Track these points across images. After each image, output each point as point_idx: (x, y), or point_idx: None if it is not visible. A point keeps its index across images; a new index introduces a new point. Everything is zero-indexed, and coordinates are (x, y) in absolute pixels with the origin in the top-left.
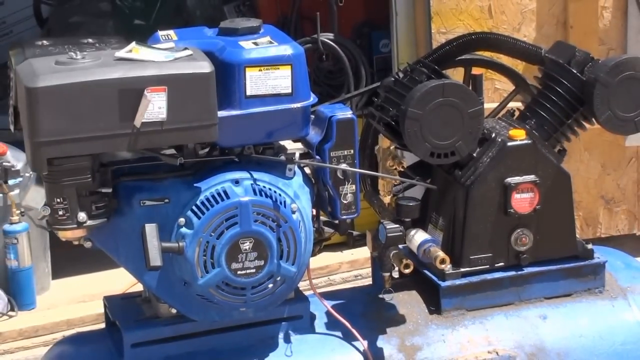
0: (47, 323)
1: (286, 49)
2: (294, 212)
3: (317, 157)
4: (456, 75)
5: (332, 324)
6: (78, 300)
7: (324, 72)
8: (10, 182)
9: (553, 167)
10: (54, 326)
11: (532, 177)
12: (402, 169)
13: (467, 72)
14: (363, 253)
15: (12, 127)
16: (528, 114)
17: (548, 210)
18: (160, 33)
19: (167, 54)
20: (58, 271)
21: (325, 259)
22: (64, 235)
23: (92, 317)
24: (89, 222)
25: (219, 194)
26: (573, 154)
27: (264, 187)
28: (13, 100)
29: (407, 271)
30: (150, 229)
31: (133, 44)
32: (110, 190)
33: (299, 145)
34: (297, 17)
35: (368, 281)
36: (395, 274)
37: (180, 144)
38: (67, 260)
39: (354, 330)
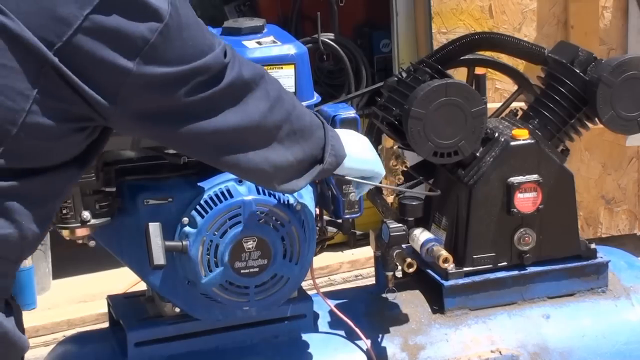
0: (48, 323)
1: (289, 49)
2: (297, 212)
3: None
4: (459, 75)
5: (335, 323)
6: (78, 300)
7: (325, 72)
8: None
9: (556, 166)
10: (54, 326)
11: (535, 177)
12: (405, 169)
13: (470, 71)
14: (363, 253)
15: None
16: (531, 113)
17: (551, 209)
18: None
19: None
20: (58, 271)
21: (325, 258)
22: (68, 234)
23: (92, 317)
24: (93, 221)
25: (222, 193)
26: (574, 154)
27: None
28: None
29: (410, 270)
30: (154, 228)
31: None
32: (114, 189)
33: None
34: (297, 17)
35: (369, 281)
36: (398, 274)
37: None
38: (68, 260)
39: (357, 330)
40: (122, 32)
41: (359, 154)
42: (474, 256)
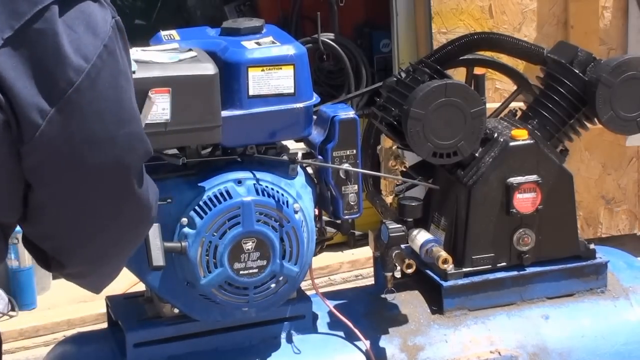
0: (48, 323)
1: (289, 49)
2: (296, 212)
3: (320, 157)
4: (458, 75)
5: (334, 323)
6: (78, 300)
7: (325, 72)
8: None
9: (555, 167)
10: (54, 326)
11: (534, 177)
12: (404, 169)
13: (469, 72)
14: (363, 253)
15: None
16: (530, 114)
17: (550, 210)
18: (163, 33)
19: (172, 55)
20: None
21: (325, 259)
22: None
23: (92, 317)
24: None
25: (221, 194)
26: (574, 154)
27: (267, 187)
28: None
29: (409, 271)
30: (153, 229)
31: (134, 49)
32: None
33: (302, 145)
34: (297, 17)
35: (368, 281)
36: (398, 274)
37: (183, 145)
38: None
39: (356, 330)
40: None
41: None
42: (473, 257)
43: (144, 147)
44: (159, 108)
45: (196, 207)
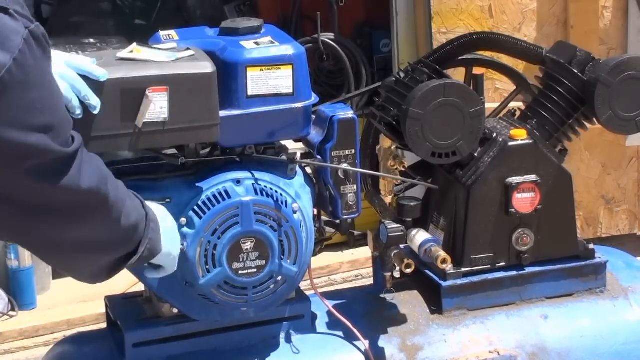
0: (48, 323)
1: (287, 49)
2: (295, 212)
3: (319, 157)
4: (457, 75)
5: (333, 323)
6: (78, 300)
7: (325, 72)
8: None
9: (554, 167)
10: (54, 326)
11: (533, 177)
12: (403, 169)
13: (468, 72)
14: (364, 253)
15: None
16: (529, 113)
17: (549, 210)
18: (162, 33)
19: (169, 54)
20: (59, 271)
21: (325, 258)
22: None
23: (92, 317)
24: None
25: (220, 194)
26: (574, 154)
27: (266, 186)
28: None
29: (408, 271)
30: None
31: (134, 44)
32: None
33: (300, 145)
34: (297, 17)
35: (368, 281)
36: (397, 274)
37: (181, 144)
38: None
39: (355, 330)
40: None
41: (167, 249)
42: (472, 256)
43: (58, 149)
44: (157, 107)
45: (195, 207)
